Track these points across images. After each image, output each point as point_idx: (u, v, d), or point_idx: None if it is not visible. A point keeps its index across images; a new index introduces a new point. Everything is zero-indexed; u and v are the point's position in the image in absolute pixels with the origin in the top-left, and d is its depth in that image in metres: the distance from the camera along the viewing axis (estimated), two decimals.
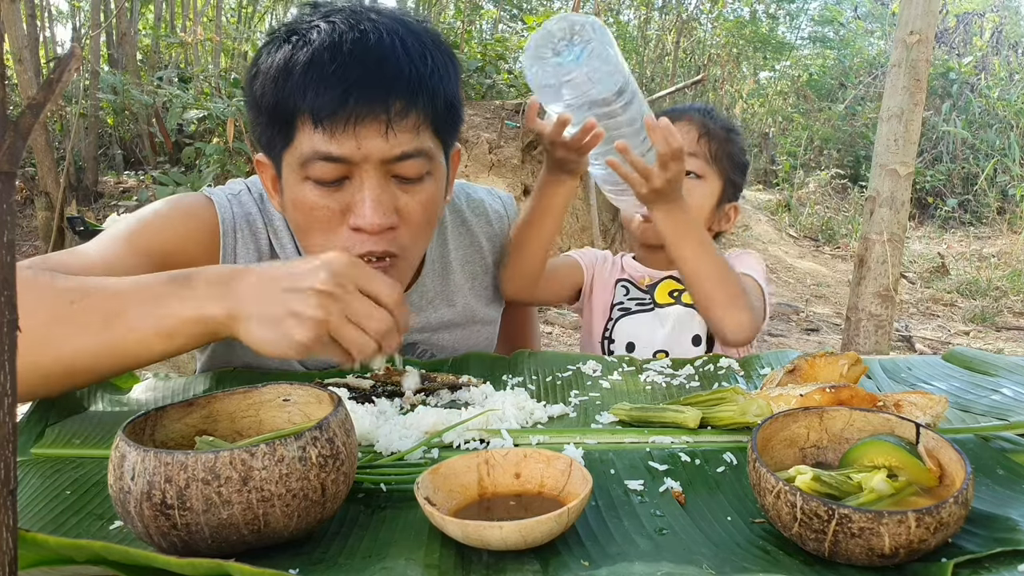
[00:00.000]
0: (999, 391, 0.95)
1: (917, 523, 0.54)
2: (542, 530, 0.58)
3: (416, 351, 1.18)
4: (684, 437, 0.81)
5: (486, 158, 4.61)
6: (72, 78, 0.33)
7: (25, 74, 4.00)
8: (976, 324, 4.71)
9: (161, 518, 0.54)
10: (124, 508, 0.55)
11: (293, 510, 0.56)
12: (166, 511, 0.53)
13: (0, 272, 0.30)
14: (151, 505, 0.54)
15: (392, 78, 0.88)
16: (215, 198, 1.07)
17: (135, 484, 0.54)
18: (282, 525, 0.56)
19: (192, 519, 0.53)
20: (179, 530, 0.54)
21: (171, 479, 0.53)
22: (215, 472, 0.53)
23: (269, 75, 0.90)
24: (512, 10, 7.47)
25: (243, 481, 0.53)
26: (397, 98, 0.88)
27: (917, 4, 2.76)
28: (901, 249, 2.88)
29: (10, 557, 0.33)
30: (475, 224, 1.24)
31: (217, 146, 4.48)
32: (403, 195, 0.94)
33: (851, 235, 6.92)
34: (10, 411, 0.32)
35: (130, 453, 0.55)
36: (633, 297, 1.33)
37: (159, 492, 0.53)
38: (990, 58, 9.00)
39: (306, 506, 0.56)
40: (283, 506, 0.55)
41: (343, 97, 0.86)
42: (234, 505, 0.53)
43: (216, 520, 0.54)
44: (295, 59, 0.88)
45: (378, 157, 0.90)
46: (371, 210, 0.91)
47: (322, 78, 0.87)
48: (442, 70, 0.93)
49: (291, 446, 0.55)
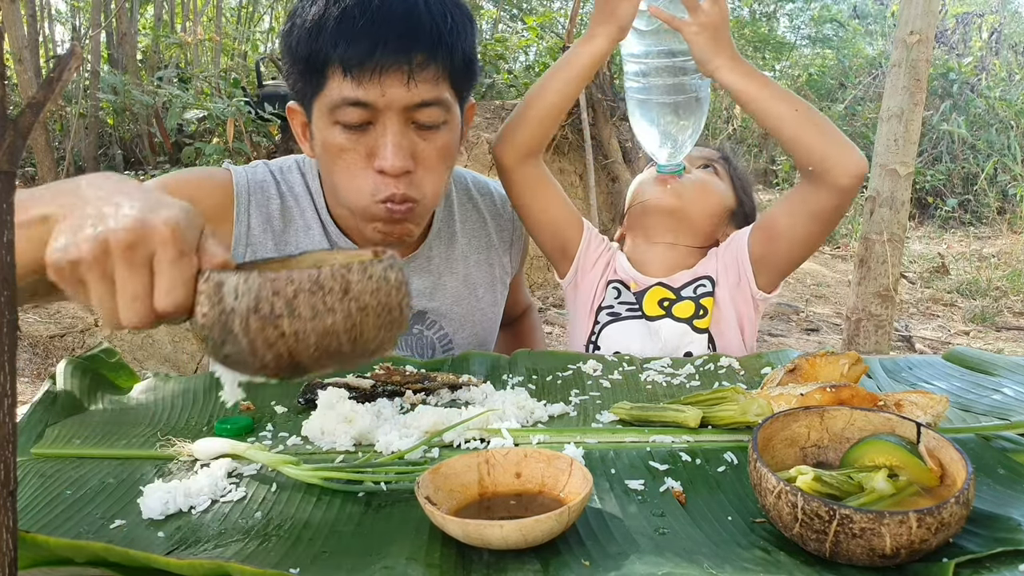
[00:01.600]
0: (1000, 391, 0.95)
1: (918, 523, 0.54)
2: (542, 529, 0.58)
3: (425, 320, 1.20)
4: (685, 436, 0.81)
5: (486, 158, 4.61)
6: (72, 77, 0.33)
7: (25, 74, 4.00)
8: (976, 324, 4.71)
9: (269, 329, 0.56)
10: (225, 329, 0.57)
11: (382, 321, 0.60)
12: (275, 320, 0.56)
13: (0, 272, 0.30)
14: (259, 318, 0.56)
15: (415, 33, 0.96)
16: (232, 167, 1.16)
17: (239, 302, 0.56)
18: (372, 336, 0.60)
19: (300, 326, 0.57)
20: (287, 338, 0.57)
21: (279, 292, 0.56)
22: (320, 283, 0.57)
23: (304, 28, 0.98)
24: (512, 10, 7.47)
25: (344, 291, 0.58)
26: (419, 51, 0.96)
27: (917, 4, 2.76)
28: (901, 249, 2.88)
29: (10, 558, 0.33)
30: (480, 202, 1.29)
31: (217, 146, 4.47)
32: (421, 141, 1.02)
33: (851, 235, 6.91)
34: (10, 412, 0.32)
35: (229, 278, 0.57)
36: (624, 301, 1.23)
37: (267, 304, 0.56)
38: (989, 58, 9.00)
39: (390, 320, 0.61)
40: (375, 316, 0.59)
41: (371, 49, 0.95)
42: (337, 313, 0.57)
43: (322, 327, 0.57)
44: (328, 14, 0.96)
45: (400, 104, 0.98)
46: (392, 153, 0.99)
47: (352, 31, 0.95)
48: (460, 28, 1.01)
49: (377, 267, 0.59)
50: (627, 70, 1.19)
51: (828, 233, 1.12)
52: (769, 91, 1.08)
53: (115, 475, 0.75)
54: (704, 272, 1.22)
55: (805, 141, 1.06)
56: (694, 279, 1.22)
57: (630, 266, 1.26)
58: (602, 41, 1.10)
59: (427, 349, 1.21)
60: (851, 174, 1.05)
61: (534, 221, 1.25)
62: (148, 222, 0.59)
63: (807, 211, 1.12)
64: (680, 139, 1.19)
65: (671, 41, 1.13)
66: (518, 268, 1.38)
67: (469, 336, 1.25)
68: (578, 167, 5.05)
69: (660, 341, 1.19)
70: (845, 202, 1.09)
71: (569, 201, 1.26)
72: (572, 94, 1.15)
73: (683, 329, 1.19)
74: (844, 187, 1.06)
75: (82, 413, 0.91)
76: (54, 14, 5.81)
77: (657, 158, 1.22)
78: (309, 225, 1.14)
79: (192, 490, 0.70)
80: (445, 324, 1.22)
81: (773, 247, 1.16)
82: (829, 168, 1.06)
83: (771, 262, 1.18)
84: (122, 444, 0.82)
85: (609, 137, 4.99)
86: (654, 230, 1.25)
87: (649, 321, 1.21)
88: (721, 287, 1.20)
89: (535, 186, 1.20)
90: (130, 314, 0.60)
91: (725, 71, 1.07)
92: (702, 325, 1.19)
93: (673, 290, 1.22)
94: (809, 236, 1.15)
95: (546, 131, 1.17)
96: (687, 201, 1.22)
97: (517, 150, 1.17)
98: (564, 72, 1.13)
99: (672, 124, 1.17)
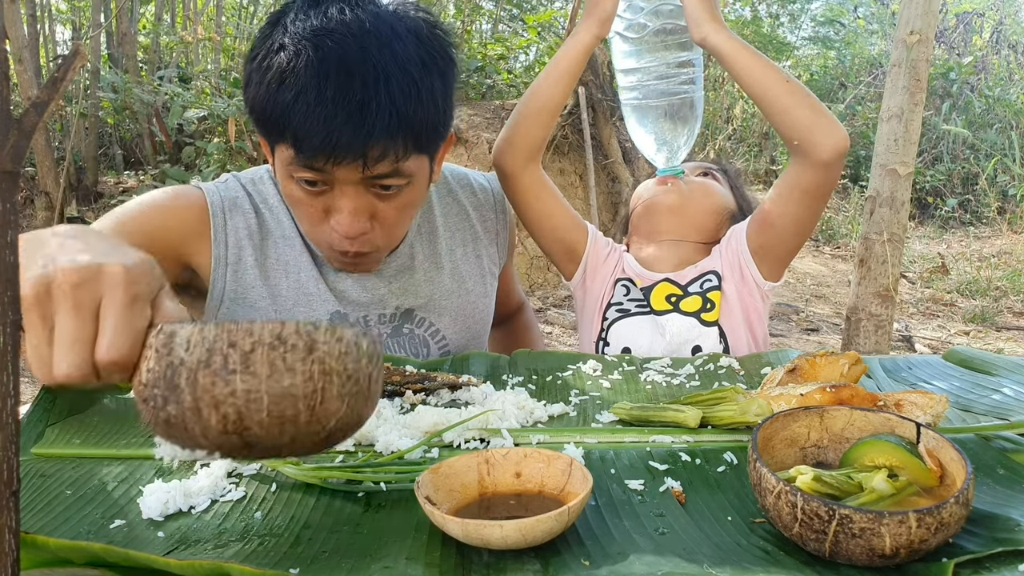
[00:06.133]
0: (1000, 391, 0.95)
1: (918, 523, 0.54)
2: (542, 529, 0.58)
3: (414, 319, 1.19)
4: (684, 437, 0.81)
5: (486, 158, 4.61)
6: (75, 76, 0.33)
7: (25, 74, 3.99)
8: (976, 324, 4.71)
9: (219, 384, 0.51)
10: (169, 385, 0.52)
11: (347, 391, 0.55)
12: (227, 376, 0.51)
13: (3, 272, 0.30)
14: (209, 372, 0.51)
15: (371, 123, 0.89)
16: (202, 185, 1.13)
17: (190, 354, 0.51)
18: (334, 407, 0.55)
19: (254, 385, 0.52)
20: (236, 397, 0.52)
21: (235, 344, 0.51)
22: (282, 338, 0.52)
23: (261, 86, 0.93)
24: (512, 10, 7.47)
25: (308, 350, 0.53)
26: (376, 141, 0.90)
27: (917, 4, 2.76)
28: (901, 249, 2.88)
29: (12, 558, 0.33)
30: (461, 193, 1.27)
31: (218, 144, 4.47)
32: (380, 203, 0.99)
33: (851, 235, 6.91)
34: (13, 412, 0.32)
35: (183, 329, 0.52)
36: (633, 298, 1.26)
37: (220, 357, 0.51)
38: (990, 57, 8.99)
39: (356, 392, 0.56)
40: (339, 385, 0.54)
41: (325, 139, 0.89)
42: (297, 374, 0.52)
43: (278, 388, 0.52)
44: (284, 86, 0.90)
45: (356, 178, 0.95)
46: (347, 220, 0.98)
47: (306, 115, 0.89)
48: (428, 99, 0.93)
49: (348, 331, 0.55)
50: (619, 79, 1.21)
51: (819, 213, 1.15)
52: (760, 61, 1.09)
53: (115, 475, 0.75)
54: (710, 267, 1.24)
55: (793, 113, 1.08)
56: (700, 274, 1.24)
57: (638, 265, 1.28)
58: (584, 35, 1.13)
59: (420, 347, 1.19)
60: (835, 148, 1.07)
61: (539, 226, 1.26)
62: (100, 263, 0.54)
63: (796, 191, 1.14)
64: (676, 143, 1.20)
65: (660, 47, 1.14)
66: (507, 259, 1.36)
67: (461, 330, 1.23)
68: (578, 167, 5.05)
69: (668, 336, 1.21)
70: (830, 178, 1.11)
71: (569, 204, 1.28)
72: (564, 90, 1.16)
73: (691, 323, 1.20)
74: (827, 161, 1.08)
75: (82, 413, 0.91)
76: (54, 14, 5.81)
77: (656, 163, 1.24)
78: (287, 235, 1.12)
79: (192, 490, 0.70)
80: (435, 320, 1.21)
81: (769, 234, 1.18)
82: (815, 142, 1.07)
83: (769, 250, 1.20)
84: (122, 444, 0.82)
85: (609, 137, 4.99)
86: (658, 228, 1.27)
87: (657, 316, 1.22)
88: (727, 281, 1.22)
89: (539, 191, 1.22)
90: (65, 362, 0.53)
91: (718, 35, 1.09)
92: (710, 318, 1.20)
93: (680, 286, 1.24)
94: (800, 217, 1.16)
95: (543, 130, 1.18)
96: (688, 198, 1.25)
97: (517, 154, 1.18)
98: (554, 69, 1.16)
99: (667, 129, 1.18)
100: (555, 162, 4.97)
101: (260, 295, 1.10)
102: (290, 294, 1.11)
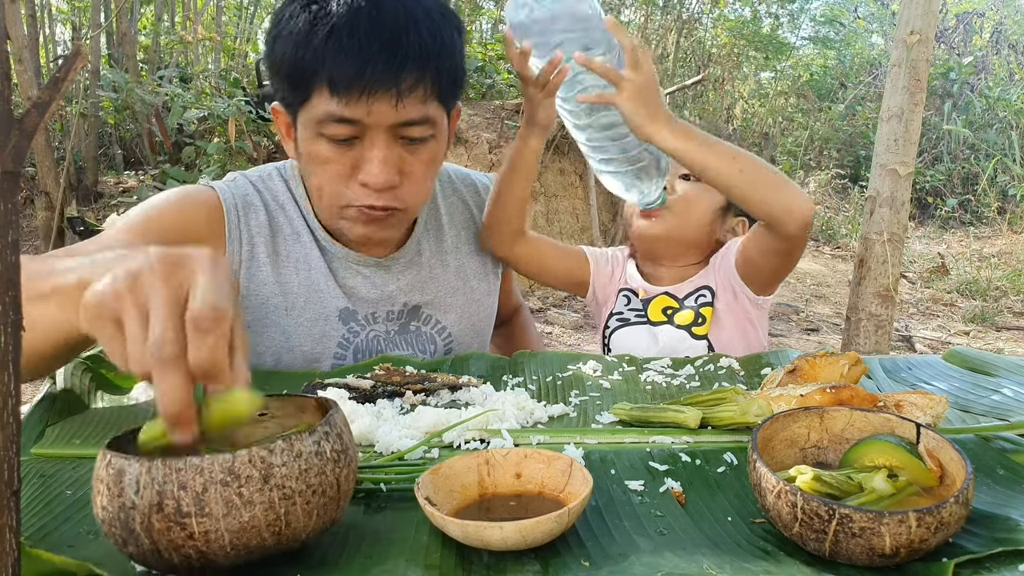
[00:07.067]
0: (999, 391, 0.95)
1: (918, 523, 0.54)
2: (542, 530, 0.58)
3: (421, 316, 1.21)
4: (684, 437, 0.81)
5: (486, 158, 4.61)
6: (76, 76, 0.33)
7: (25, 74, 3.99)
8: (976, 324, 4.71)
9: (175, 529, 0.50)
10: (125, 528, 0.51)
11: (313, 507, 0.54)
12: (181, 520, 0.50)
13: (5, 272, 0.30)
14: (162, 517, 0.50)
15: (404, 53, 0.95)
16: (213, 184, 1.14)
17: (141, 498, 0.50)
18: (302, 525, 0.54)
19: (211, 526, 0.50)
20: (196, 540, 0.50)
21: (186, 485, 0.49)
22: (235, 472, 0.50)
23: (290, 39, 0.97)
24: None
25: (264, 479, 0.51)
26: (407, 73, 0.95)
27: (917, 4, 2.76)
28: (901, 249, 2.88)
29: (13, 558, 0.33)
30: (465, 193, 1.30)
31: (218, 145, 4.47)
32: (408, 155, 1.03)
33: (851, 235, 6.91)
34: (14, 412, 0.32)
35: (130, 466, 0.50)
36: (633, 308, 1.32)
37: (172, 501, 0.49)
38: (990, 57, 8.99)
39: (324, 503, 0.55)
40: (304, 503, 0.53)
41: (359, 69, 0.93)
42: (256, 506, 0.51)
43: (237, 524, 0.51)
44: (315, 28, 0.94)
45: (387, 122, 0.98)
46: (378, 169, 1.00)
47: (340, 50, 0.93)
48: (449, 45, 0.99)
49: (307, 441, 0.53)
50: (574, 134, 1.21)
51: (795, 261, 1.20)
52: (710, 151, 1.08)
53: None
54: (705, 282, 1.29)
55: (752, 198, 1.10)
56: (696, 289, 1.29)
57: (639, 277, 1.34)
58: (534, 141, 1.18)
59: (428, 344, 1.21)
60: (798, 223, 1.09)
61: (543, 280, 1.39)
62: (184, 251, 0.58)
63: (767, 253, 1.19)
64: (647, 183, 1.19)
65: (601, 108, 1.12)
66: None
67: (467, 327, 1.25)
68: (578, 167, 5.05)
69: (660, 345, 1.27)
70: (797, 244, 1.15)
71: (561, 245, 1.36)
72: (524, 186, 1.22)
73: (681, 335, 1.26)
74: (792, 235, 1.11)
75: (82, 413, 0.91)
76: (54, 14, 5.80)
77: (631, 202, 1.27)
78: (297, 232, 1.14)
79: None
80: (441, 317, 1.22)
81: (752, 269, 1.24)
82: (778, 220, 1.10)
83: (755, 279, 1.25)
84: None
85: None
86: (651, 256, 1.34)
87: (652, 327, 1.29)
88: (719, 299, 1.27)
89: (537, 259, 1.30)
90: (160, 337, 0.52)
91: (663, 135, 1.06)
92: (700, 332, 1.26)
93: (677, 299, 1.30)
94: (778, 266, 1.22)
95: (518, 218, 1.24)
96: (673, 226, 1.29)
97: (502, 238, 1.25)
98: (511, 172, 1.20)
99: (631, 173, 1.18)
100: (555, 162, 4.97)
101: (272, 292, 1.12)
102: (301, 290, 1.13)
